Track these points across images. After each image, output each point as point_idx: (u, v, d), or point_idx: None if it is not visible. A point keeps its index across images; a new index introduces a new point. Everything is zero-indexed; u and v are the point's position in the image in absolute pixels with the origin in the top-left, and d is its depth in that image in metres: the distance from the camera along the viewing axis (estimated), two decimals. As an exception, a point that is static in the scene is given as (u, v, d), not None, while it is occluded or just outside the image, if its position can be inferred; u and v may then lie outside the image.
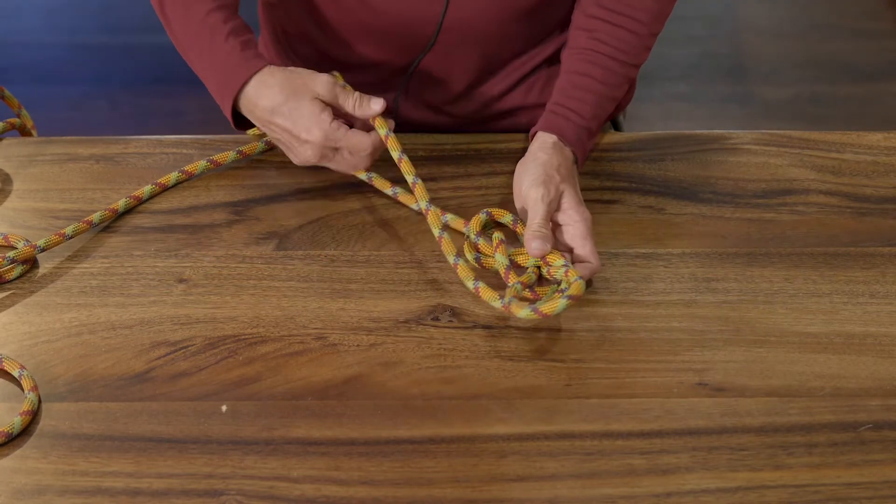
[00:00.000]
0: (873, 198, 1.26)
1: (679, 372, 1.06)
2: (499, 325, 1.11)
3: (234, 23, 1.20)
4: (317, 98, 1.15)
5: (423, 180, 1.25)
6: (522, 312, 1.07)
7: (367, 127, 1.20)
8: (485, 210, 1.16)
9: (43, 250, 1.16)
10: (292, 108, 1.15)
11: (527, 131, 1.28)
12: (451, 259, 1.12)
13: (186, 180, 1.27)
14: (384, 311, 1.12)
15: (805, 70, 3.11)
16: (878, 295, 1.14)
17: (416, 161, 1.29)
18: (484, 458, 0.99)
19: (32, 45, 3.18)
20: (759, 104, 2.98)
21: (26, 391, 1.03)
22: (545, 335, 1.10)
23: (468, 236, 1.14)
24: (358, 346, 1.09)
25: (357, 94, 1.17)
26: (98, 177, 1.28)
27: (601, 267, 1.13)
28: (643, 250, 1.18)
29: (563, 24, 1.34)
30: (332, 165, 1.19)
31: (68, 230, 1.18)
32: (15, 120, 1.37)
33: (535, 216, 1.12)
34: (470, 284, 1.10)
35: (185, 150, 1.31)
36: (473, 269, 1.11)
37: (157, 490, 0.96)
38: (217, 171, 1.28)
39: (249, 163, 1.29)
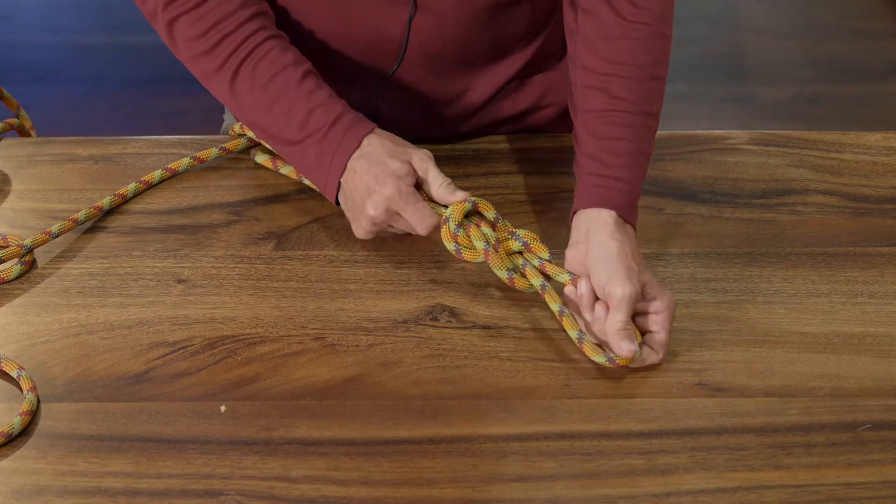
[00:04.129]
0: (872, 198, 1.26)
1: (678, 372, 1.06)
2: (497, 326, 1.11)
3: (327, 88, 1.17)
4: (408, 162, 1.14)
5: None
6: (598, 358, 1.06)
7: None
8: (471, 199, 1.13)
9: (31, 249, 1.16)
10: (381, 162, 1.13)
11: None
12: (573, 335, 1.08)
13: (171, 177, 1.27)
14: (383, 312, 1.12)
15: (804, 70, 3.11)
16: (877, 295, 1.14)
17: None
18: (483, 458, 0.99)
19: (32, 45, 3.18)
20: (758, 104, 2.98)
21: (25, 391, 1.03)
22: (544, 336, 1.10)
23: (448, 222, 1.12)
24: (357, 346, 1.09)
25: (447, 179, 1.14)
26: (97, 177, 1.28)
27: (662, 361, 1.07)
28: (642, 250, 1.18)
29: (533, 27, 1.31)
30: (393, 230, 1.16)
31: (54, 228, 1.18)
32: (14, 120, 1.37)
33: (620, 314, 1.06)
34: (601, 359, 1.06)
35: (184, 151, 1.31)
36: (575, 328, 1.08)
37: (156, 490, 0.96)
38: (202, 168, 1.28)
39: (248, 163, 1.29)
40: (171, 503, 0.95)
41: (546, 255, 1.11)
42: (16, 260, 1.16)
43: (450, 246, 1.12)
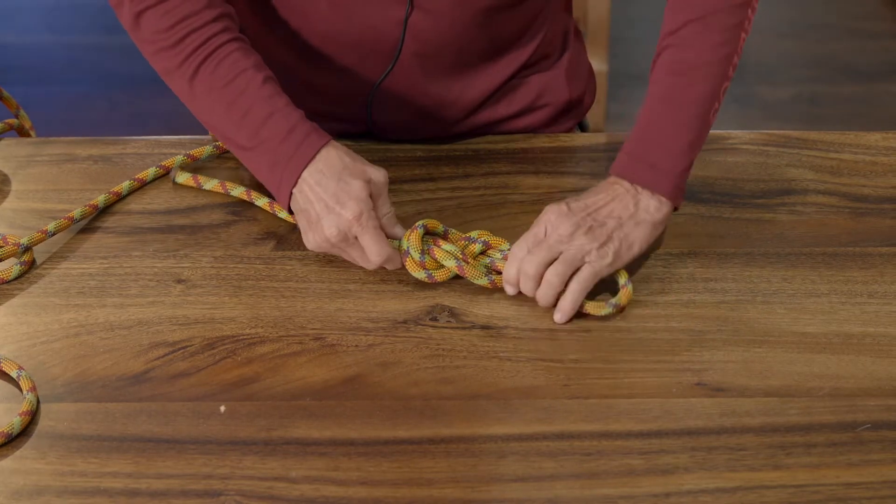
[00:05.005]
0: (871, 198, 1.26)
1: (678, 372, 1.06)
2: (497, 326, 1.11)
3: (286, 96, 1.17)
4: (368, 183, 1.13)
5: (421, 181, 1.26)
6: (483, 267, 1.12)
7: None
8: (420, 224, 1.14)
9: (28, 248, 1.16)
10: (342, 179, 1.12)
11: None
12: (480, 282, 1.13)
13: (164, 174, 1.27)
14: (382, 312, 1.12)
15: (805, 70, 3.11)
16: (877, 295, 1.14)
17: (413, 162, 1.29)
18: (483, 458, 0.99)
19: (32, 46, 3.18)
20: (758, 104, 2.98)
21: (25, 391, 1.03)
22: (543, 335, 1.10)
23: (409, 254, 1.13)
24: (356, 346, 1.09)
25: (392, 210, 1.15)
26: (96, 177, 1.28)
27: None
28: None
29: (529, 29, 1.31)
30: (341, 254, 1.15)
31: (51, 227, 1.18)
32: (13, 121, 1.37)
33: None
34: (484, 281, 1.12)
35: (183, 151, 1.30)
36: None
37: (155, 490, 0.96)
38: (201, 167, 1.28)
39: (248, 163, 1.29)
40: (171, 503, 0.95)
41: (507, 247, 1.13)
42: (15, 260, 1.16)
43: (420, 275, 1.13)
